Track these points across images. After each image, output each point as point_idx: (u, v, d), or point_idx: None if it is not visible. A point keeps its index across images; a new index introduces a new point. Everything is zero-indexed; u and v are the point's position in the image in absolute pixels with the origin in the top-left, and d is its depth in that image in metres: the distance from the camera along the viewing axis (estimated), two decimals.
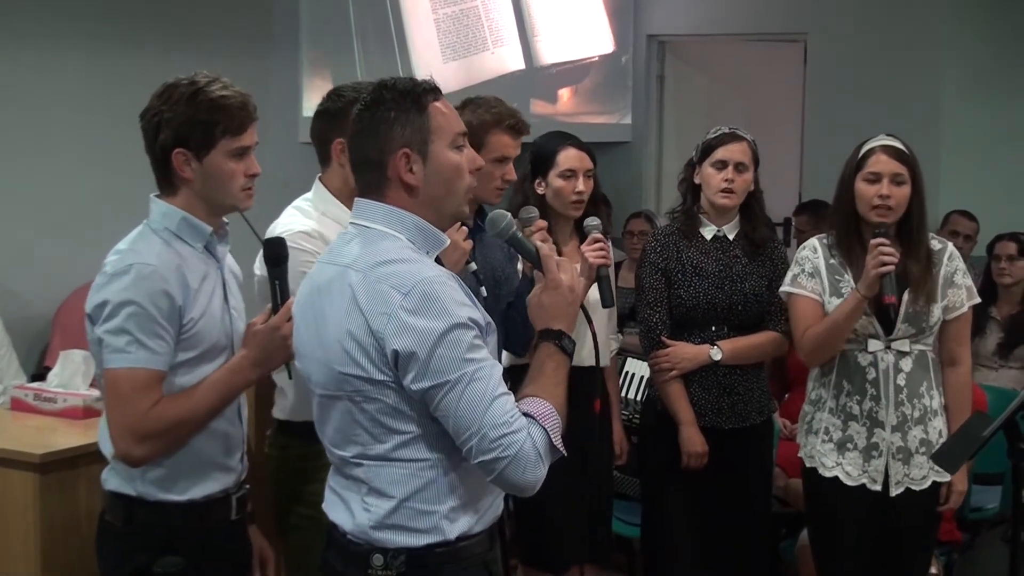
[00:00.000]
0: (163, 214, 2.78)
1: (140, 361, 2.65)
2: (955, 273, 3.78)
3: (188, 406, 2.72)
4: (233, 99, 2.75)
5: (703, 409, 4.05)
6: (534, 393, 2.37)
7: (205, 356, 2.78)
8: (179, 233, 2.77)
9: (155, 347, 2.66)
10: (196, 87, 2.73)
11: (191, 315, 2.72)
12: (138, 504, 2.77)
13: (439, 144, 2.38)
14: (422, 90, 2.40)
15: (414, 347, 2.25)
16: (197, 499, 2.80)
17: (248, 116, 2.78)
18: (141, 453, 2.70)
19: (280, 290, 2.84)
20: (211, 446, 2.81)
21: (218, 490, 2.84)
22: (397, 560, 2.36)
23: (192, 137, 2.71)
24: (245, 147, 2.77)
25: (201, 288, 2.76)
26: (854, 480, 3.75)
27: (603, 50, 8.22)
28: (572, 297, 2.47)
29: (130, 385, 2.66)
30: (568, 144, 4.03)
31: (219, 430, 2.82)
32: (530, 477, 2.29)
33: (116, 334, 2.65)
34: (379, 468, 2.36)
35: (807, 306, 3.79)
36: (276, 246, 2.89)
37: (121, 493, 2.78)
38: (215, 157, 2.74)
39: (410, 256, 2.34)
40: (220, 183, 2.76)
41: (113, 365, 2.67)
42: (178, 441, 2.74)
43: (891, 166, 3.67)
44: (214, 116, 2.72)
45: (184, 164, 2.73)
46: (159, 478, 2.76)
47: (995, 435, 3.00)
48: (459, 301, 2.31)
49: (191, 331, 2.73)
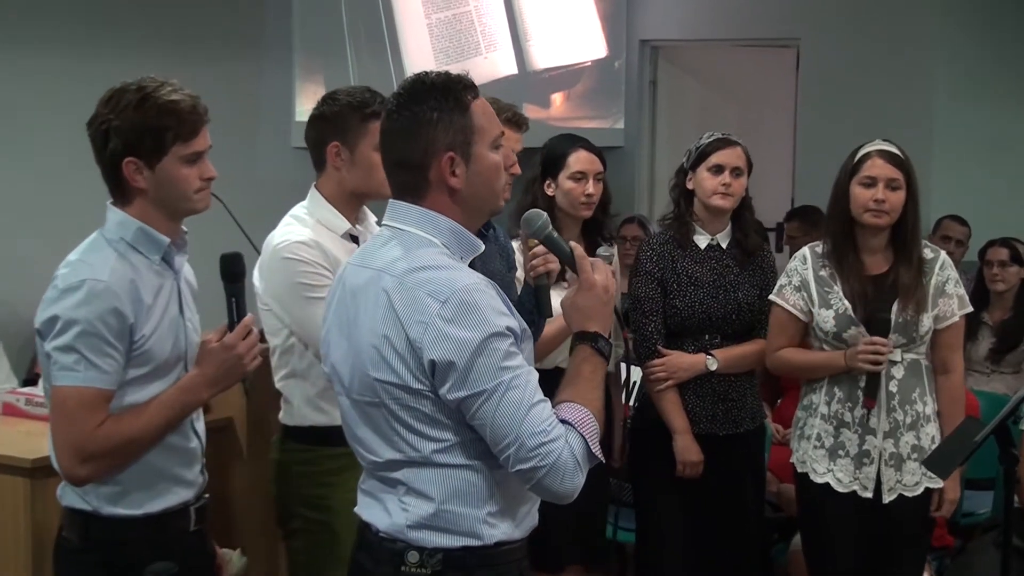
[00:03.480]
0: (119, 223, 2.70)
1: (88, 380, 2.58)
2: (947, 282, 3.78)
3: (137, 426, 2.65)
4: (183, 103, 2.65)
5: (698, 416, 4.05)
6: (571, 398, 2.34)
7: (156, 373, 2.70)
8: (135, 244, 2.68)
9: (104, 366, 2.59)
10: (144, 92, 2.64)
11: (143, 332, 2.64)
12: (93, 519, 2.70)
13: (481, 145, 2.34)
14: (462, 87, 2.35)
15: (452, 357, 2.22)
16: (153, 512, 2.73)
17: (199, 119, 2.69)
18: (85, 473, 2.64)
19: (237, 306, 2.77)
20: (166, 460, 2.74)
21: (177, 503, 2.78)
22: (433, 559, 2.32)
23: (142, 145, 2.62)
24: (198, 152, 2.69)
25: (155, 303, 2.69)
26: (845, 487, 3.75)
27: (596, 55, 8.22)
28: (607, 298, 2.43)
29: (77, 403, 2.59)
30: (579, 146, 4.07)
31: (172, 444, 2.75)
32: (568, 485, 2.27)
33: (65, 351, 2.58)
34: (418, 471, 2.32)
35: (785, 320, 3.83)
36: (233, 262, 2.82)
37: (77, 509, 2.72)
38: (167, 164, 2.65)
39: (446, 263, 2.30)
40: (174, 190, 2.68)
41: (60, 383, 2.60)
42: (125, 461, 2.67)
43: (887, 171, 3.68)
44: (164, 122, 2.62)
45: (135, 173, 2.65)
46: (113, 493, 2.69)
47: (987, 440, 3.00)
48: (497, 309, 2.27)
49: (142, 348, 2.65)
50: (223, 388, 2.80)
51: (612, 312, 2.47)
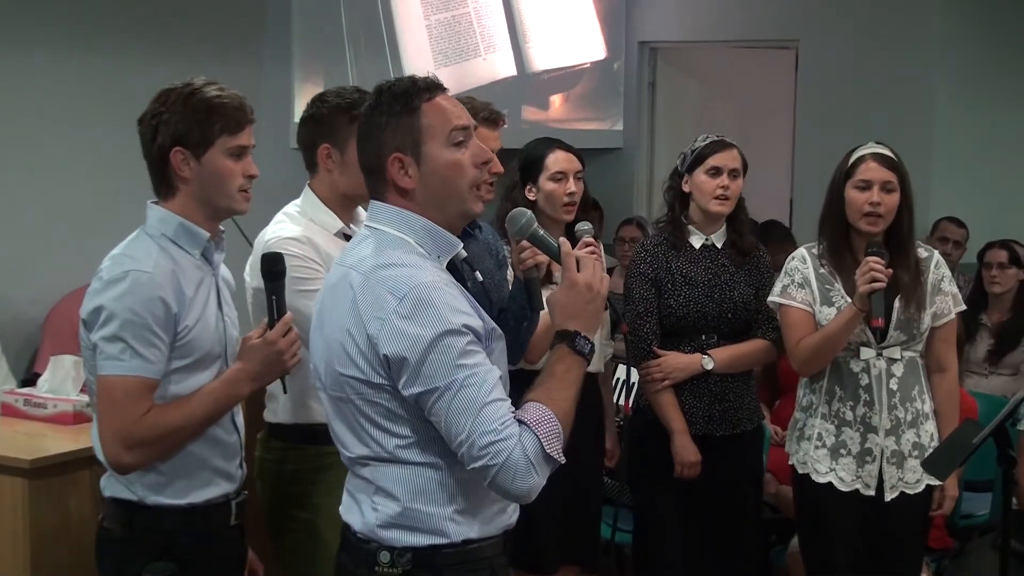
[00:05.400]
0: (160, 219, 2.78)
1: (133, 369, 2.65)
2: (942, 280, 3.81)
3: (181, 415, 2.71)
4: (229, 100, 2.76)
5: (695, 417, 4.05)
6: (536, 398, 2.34)
7: (199, 364, 2.77)
8: (176, 239, 2.77)
9: (149, 355, 2.65)
10: (192, 88, 2.75)
11: (186, 323, 2.71)
12: (137, 508, 2.76)
13: (433, 144, 2.37)
14: (417, 90, 2.39)
15: (405, 353, 2.25)
16: (197, 503, 2.79)
17: (244, 116, 2.78)
18: (130, 460, 2.70)
19: (277, 304, 2.83)
20: (209, 452, 2.81)
21: (219, 495, 2.84)
22: (403, 558, 2.35)
23: (190, 136, 2.72)
24: (243, 146, 2.78)
25: (196, 296, 2.76)
26: (847, 486, 3.75)
27: (595, 56, 8.22)
28: (591, 295, 2.41)
29: (123, 392, 2.66)
30: (556, 147, 4.05)
31: (214, 437, 2.81)
32: (521, 485, 2.26)
33: (111, 341, 2.65)
34: (384, 468, 2.36)
35: (798, 317, 3.80)
36: (273, 261, 2.87)
37: (120, 499, 2.78)
38: (213, 155, 2.74)
39: (413, 261, 2.33)
40: (218, 183, 2.76)
41: (107, 372, 2.67)
42: (169, 450, 2.73)
43: (881, 174, 3.69)
44: (211, 115, 2.73)
45: (183, 163, 2.73)
46: (158, 483, 2.75)
47: (985, 442, 3.00)
48: (455, 307, 2.29)
49: (185, 339, 2.72)
50: (264, 383, 2.89)
51: (598, 311, 2.44)
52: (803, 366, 3.82)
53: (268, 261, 2.87)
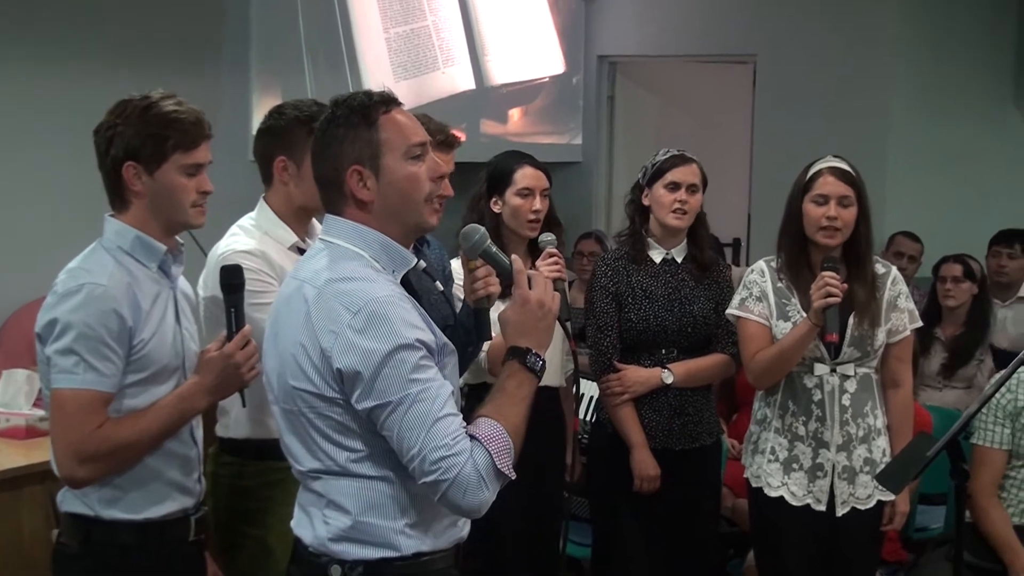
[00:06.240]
0: (116, 232, 2.76)
1: (87, 382, 2.63)
2: (898, 297, 3.82)
3: (135, 429, 2.69)
4: (186, 115, 2.74)
5: (654, 431, 4.05)
6: (488, 413, 2.35)
7: (155, 378, 2.75)
8: (132, 252, 2.75)
9: (103, 368, 2.64)
10: (149, 102, 2.73)
11: (141, 336, 2.70)
12: (94, 523, 2.73)
13: (391, 157, 2.38)
14: (373, 103, 2.40)
15: (358, 367, 2.26)
16: (154, 518, 2.77)
17: (201, 133, 2.76)
18: (84, 474, 2.68)
19: (236, 317, 2.81)
20: (165, 465, 2.78)
21: (177, 510, 2.82)
22: (355, 572, 2.36)
23: (143, 150, 2.70)
24: (198, 164, 2.76)
25: (152, 309, 2.74)
26: (799, 500, 3.77)
27: (554, 70, 8.25)
28: (542, 313, 2.44)
29: (76, 406, 2.64)
30: (525, 163, 4.04)
31: (170, 450, 2.79)
32: (472, 500, 2.27)
33: (64, 354, 2.63)
34: (335, 482, 2.36)
35: (755, 330, 3.81)
36: (232, 273, 2.85)
37: (77, 513, 2.75)
38: (166, 172, 2.72)
39: (368, 275, 2.34)
40: (171, 198, 2.74)
41: (60, 385, 2.65)
42: (123, 464, 2.71)
43: (838, 188, 3.71)
44: (166, 130, 2.70)
45: (134, 178, 2.71)
46: (113, 496, 2.73)
47: (939, 455, 3.02)
48: (409, 322, 2.30)
49: (141, 352, 2.70)
50: (221, 397, 2.87)
51: (549, 328, 2.45)
52: (758, 379, 3.84)
53: (227, 273, 2.85)
